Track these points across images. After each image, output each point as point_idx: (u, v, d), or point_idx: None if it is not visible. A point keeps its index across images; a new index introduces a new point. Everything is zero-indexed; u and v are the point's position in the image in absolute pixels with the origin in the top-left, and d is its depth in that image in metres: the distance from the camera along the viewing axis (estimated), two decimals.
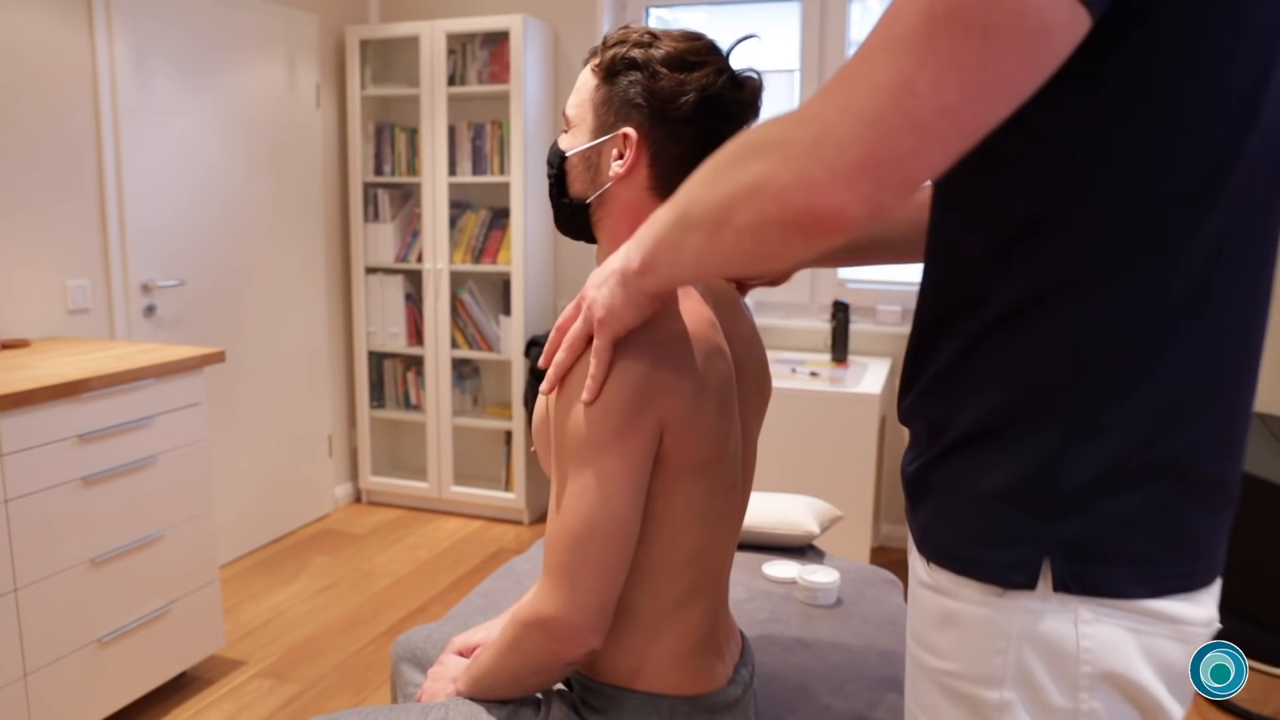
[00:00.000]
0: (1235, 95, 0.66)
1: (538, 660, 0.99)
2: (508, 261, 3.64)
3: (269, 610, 2.94)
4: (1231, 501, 0.76)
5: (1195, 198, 0.68)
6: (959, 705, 0.77)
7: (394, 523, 3.76)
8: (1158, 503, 0.71)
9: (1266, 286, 0.74)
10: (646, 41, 1.03)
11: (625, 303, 0.91)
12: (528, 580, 1.80)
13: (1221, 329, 0.71)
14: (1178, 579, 0.72)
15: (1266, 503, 2.28)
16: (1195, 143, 0.67)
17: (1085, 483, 0.71)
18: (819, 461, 2.91)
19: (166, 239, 2.99)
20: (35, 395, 1.93)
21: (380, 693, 2.46)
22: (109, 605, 2.16)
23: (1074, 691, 0.72)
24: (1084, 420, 0.71)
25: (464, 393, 3.87)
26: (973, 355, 0.76)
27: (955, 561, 0.76)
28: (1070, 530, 0.71)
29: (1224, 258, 0.70)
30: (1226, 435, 0.73)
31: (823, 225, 0.67)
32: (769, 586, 1.77)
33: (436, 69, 3.57)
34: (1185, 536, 0.72)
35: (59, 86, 2.62)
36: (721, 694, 1.08)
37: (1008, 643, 0.73)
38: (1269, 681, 2.30)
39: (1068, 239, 0.70)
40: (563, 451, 0.96)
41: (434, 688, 1.18)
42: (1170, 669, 0.73)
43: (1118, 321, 0.70)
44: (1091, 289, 0.70)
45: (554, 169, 1.10)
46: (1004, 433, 0.74)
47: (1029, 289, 0.72)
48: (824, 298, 3.58)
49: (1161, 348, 0.70)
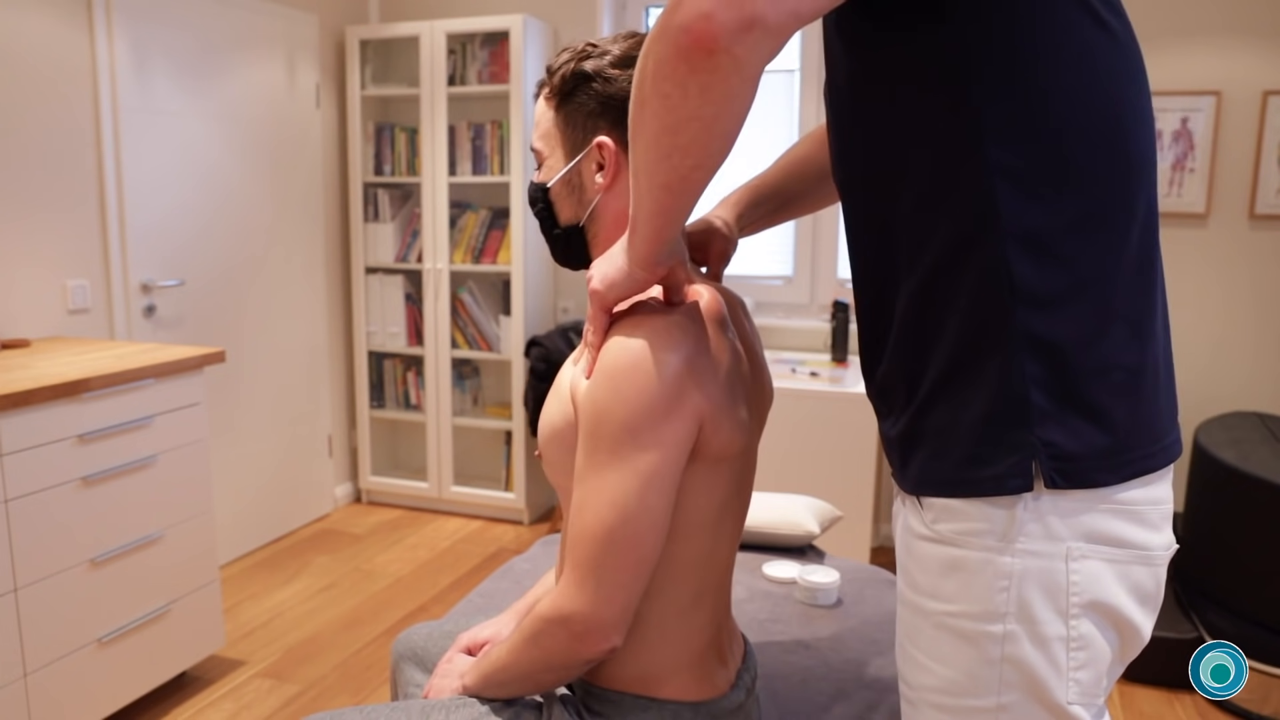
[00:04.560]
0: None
1: (557, 657, 0.98)
2: (508, 261, 3.64)
3: (269, 610, 2.94)
4: (1160, 384, 0.87)
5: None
6: (963, 641, 0.86)
7: (394, 523, 3.76)
8: (1108, 398, 0.82)
9: (1144, 185, 0.85)
10: (589, 53, 1.04)
11: (618, 274, 0.95)
12: (527, 580, 1.79)
13: (1124, 225, 0.83)
14: (1143, 460, 0.83)
15: (1266, 503, 2.28)
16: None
17: (1048, 390, 0.81)
18: (819, 461, 2.91)
19: (166, 239, 2.99)
20: (35, 395, 1.93)
21: (380, 693, 2.46)
22: (109, 605, 2.16)
23: (1065, 620, 0.83)
24: (1031, 334, 0.81)
25: (464, 393, 3.87)
26: (926, 305, 0.85)
27: (958, 486, 0.85)
28: (1046, 433, 0.81)
29: (1126, 176, 0.82)
30: (1139, 327, 0.84)
31: (699, 38, 0.71)
32: (769, 586, 1.77)
33: (436, 69, 3.57)
34: (1140, 423, 0.84)
35: (59, 86, 2.62)
36: (725, 700, 1.08)
37: (1010, 581, 0.83)
38: (1269, 681, 2.30)
39: (978, 178, 0.81)
40: (597, 440, 0.94)
41: (441, 684, 1.17)
42: (1140, 589, 0.85)
43: (1035, 241, 0.81)
44: (1005, 219, 0.81)
45: (540, 204, 1.10)
46: (974, 363, 0.83)
47: (956, 232, 0.82)
48: (824, 298, 3.58)
49: (1075, 256, 0.81)
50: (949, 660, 0.87)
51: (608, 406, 0.93)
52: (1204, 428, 2.69)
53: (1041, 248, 0.80)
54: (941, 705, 0.89)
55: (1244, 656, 1.64)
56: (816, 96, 3.49)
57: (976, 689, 0.86)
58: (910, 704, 0.94)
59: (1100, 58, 0.81)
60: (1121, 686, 2.50)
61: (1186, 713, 2.38)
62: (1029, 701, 0.84)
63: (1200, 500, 2.51)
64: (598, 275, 0.96)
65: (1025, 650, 0.83)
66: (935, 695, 0.89)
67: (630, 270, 0.94)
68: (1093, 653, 0.84)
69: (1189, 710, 2.39)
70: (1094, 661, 0.84)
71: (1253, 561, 2.33)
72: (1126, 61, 0.83)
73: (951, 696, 0.88)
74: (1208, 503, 2.47)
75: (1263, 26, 2.94)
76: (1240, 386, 3.10)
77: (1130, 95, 0.83)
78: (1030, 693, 0.84)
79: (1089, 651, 0.84)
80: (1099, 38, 0.81)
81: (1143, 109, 0.85)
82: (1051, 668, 0.83)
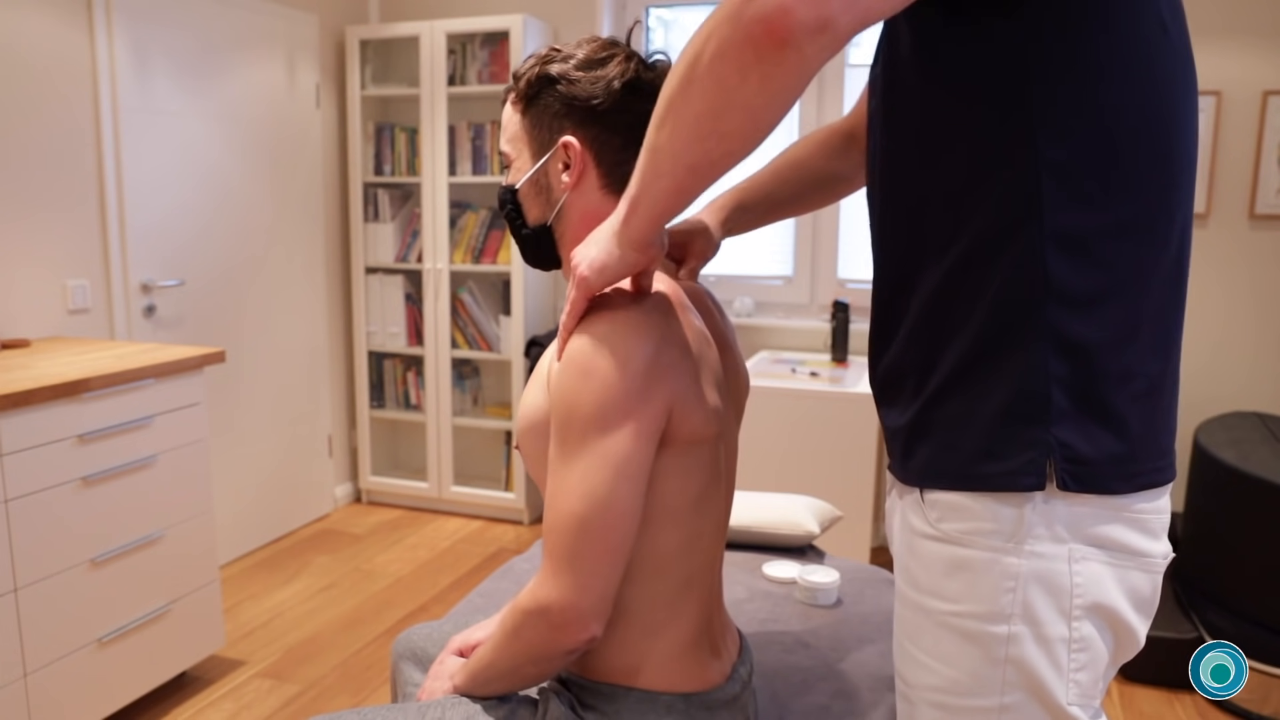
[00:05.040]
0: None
1: (537, 649, 0.99)
2: (508, 261, 3.64)
3: (269, 610, 2.94)
4: (1172, 398, 0.88)
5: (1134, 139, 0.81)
6: (967, 641, 0.86)
7: (394, 523, 3.76)
8: (1127, 405, 0.82)
9: (1182, 197, 0.85)
10: (554, 57, 1.07)
11: (609, 258, 0.95)
12: (527, 580, 1.80)
13: (1164, 232, 0.83)
14: (1151, 474, 0.84)
15: (1266, 503, 2.28)
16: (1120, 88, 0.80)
17: (1070, 390, 0.81)
18: (819, 461, 2.91)
19: (166, 239, 2.99)
20: (35, 395, 1.93)
21: (380, 693, 2.46)
22: (109, 605, 2.16)
23: (1068, 621, 0.83)
24: (1060, 333, 0.81)
25: (464, 393, 3.87)
26: (952, 294, 0.85)
27: (968, 480, 0.85)
28: (1064, 434, 0.81)
29: (1171, 185, 0.82)
30: (1165, 337, 0.85)
31: (774, 30, 0.71)
32: (769, 586, 1.77)
33: (436, 69, 3.57)
34: (1151, 435, 0.84)
35: (59, 86, 2.62)
36: (719, 691, 1.08)
37: (1016, 583, 0.83)
38: (1269, 681, 2.30)
39: (1025, 172, 0.80)
40: (568, 430, 0.96)
41: (433, 686, 1.18)
42: (1137, 593, 0.86)
43: (1075, 240, 0.80)
44: (1046, 216, 0.80)
45: (509, 205, 1.13)
46: (996, 356, 0.83)
47: (993, 223, 0.82)
48: (824, 298, 3.58)
49: (1114, 260, 0.81)
50: (952, 660, 0.87)
51: (576, 397, 0.95)
52: (1204, 428, 2.69)
53: (1081, 248, 0.80)
54: (943, 705, 0.89)
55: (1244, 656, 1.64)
56: (816, 95, 3.49)
57: (980, 689, 0.86)
58: (909, 702, 0.94)
59: (1160, 65, 0.81)
60: (1121, 687, 2.51)
61: (1186, 713, 2.38)
62: (1030, 702, 0.85)
63: (1200, 500, 2.51)
64: (585, 261, 0.96)
65: (1029, 651, 0.84)
66: (936, 694, 0.89)
67: (623, 254, 0.94)
68: (1092, 654, 0.85)
69: (1189, 710, 2.39)
70: (1093, 663, 0.85)
71: (1253, 561, 2.33)
72: (1183, 68, 0.83)
73: (953, 696, 0.88)
74: (1208, 503, 2.47)
75: (1263, 26, 2.94)
76: (1240, 386, 3.10)
77: (1182, 102, 0.83)
78: (1032, 693, 0.85)
79: (1089, 653, 0.85)
80: (1162, 44, 0.81)
81: (1191, 115, 0.85)
82: (1053, 668, 0.84)
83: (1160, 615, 2.53)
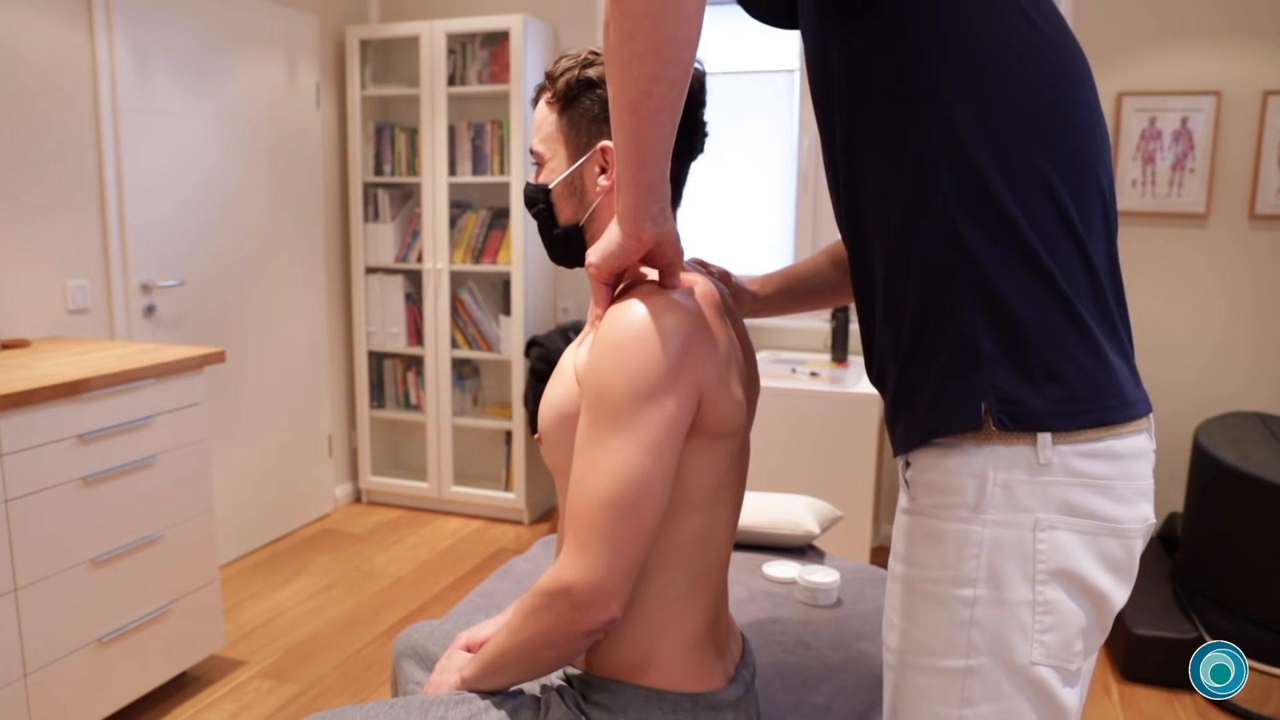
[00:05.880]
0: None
1: (556, 632, 0.98)
2: (508, 261, 3.64)
3: (269, 610, 2.94)
4: (1120, 343, 0.93)
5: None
6: (935, 604, 0.92)
7: (394, 523, 3.76)
8: (1058, 350, 0.87)
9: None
10: (593, 60, 1.08)
11: (608, 243, 0.99)
12: (527, 580, 1.80)
13: (1067, 191, 0.90)
14: (1099, 412, 0.88)
15: (1266, 503, 2.28)
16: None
17: (994, 339, 0.88)
18: (819, 461, 2.91)
19: (166, 239, 2.99)
20: (35, 395, 1.93)
21: (381, 693, 2.46)
22: (109, 605, 2.16)
23: (1032, 585, 0.88)
24: (983, 289, 0.88)
25: (464, 393, 3.87)
26: (895, 278, 0.93)
27: (926, 434, 0.92)
28: (995, 378, 0.88)
29: (1061, 140, 0.89)
30: (1093, 284, 0.91)
31: None
32: (769, 586, 1.77)
33: (436, 69, 3.57)
34: (1092, 376, 0.88)
35: (59, 86, 2.62)
36: (724, 692, 1.08)
37: (980, 549, 0.89)
38: (1269, 681, 2.30)
39: (926, 151, 0.89)
40: (600, 407, 0.96)
41: (440, 679, 1.18)
42: (1111, 559, 0.89)
43: (979, 204, 0.88)
44: (947, 184, 0.88)
45: (541, 204, 1.14)
46: (936, 321, 0.90)
47: (913, 202, 0.90)
48: None
49: (1015, 218, 0.88)
50: (921, 623, 0.93)
51: (610, 376, 0.95)
52: (1204, 428, 2.69)
53: (985, 208, 0.88)
54: (916, 665, 0.94)
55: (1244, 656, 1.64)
56: None
57: (946, 650, 0.91)
58: (890, 669, 0.99)
59: (1026, 41, 0.89)
60: (1121, 686, 2.51)
61: (1186, 713, 2.38)
62: (995, 665, 0.89)
63: (1200, 500, 2.51)
64: (592, 253, 1.02)
65: (991, 613, 0.89)
66: (910, 656, 0.95)
67: (622, 240, 0.97)
68: (1060, 617, 0.89)
69: (1189, 710, 2.39)
70: (1061, 626, 0.89)
71: (1253, 561, 2.33)
72: (1059, 42, 0.91)
73: (924, 657, 0.93)
74: (1208, 503, 2.47)
75: (1263, 26, 2.94)
76: (1240, 386, 3.10)
77: (1068, 67, 0.91)
78: (996, 656, 0.89)
79: (1056, 616, 0.88)
80: (1029, 30, 0.89)
81: (1075, 75, 0.92)
82: (1017, 629, 0.89)
83: (1160, 615, 2.54)
